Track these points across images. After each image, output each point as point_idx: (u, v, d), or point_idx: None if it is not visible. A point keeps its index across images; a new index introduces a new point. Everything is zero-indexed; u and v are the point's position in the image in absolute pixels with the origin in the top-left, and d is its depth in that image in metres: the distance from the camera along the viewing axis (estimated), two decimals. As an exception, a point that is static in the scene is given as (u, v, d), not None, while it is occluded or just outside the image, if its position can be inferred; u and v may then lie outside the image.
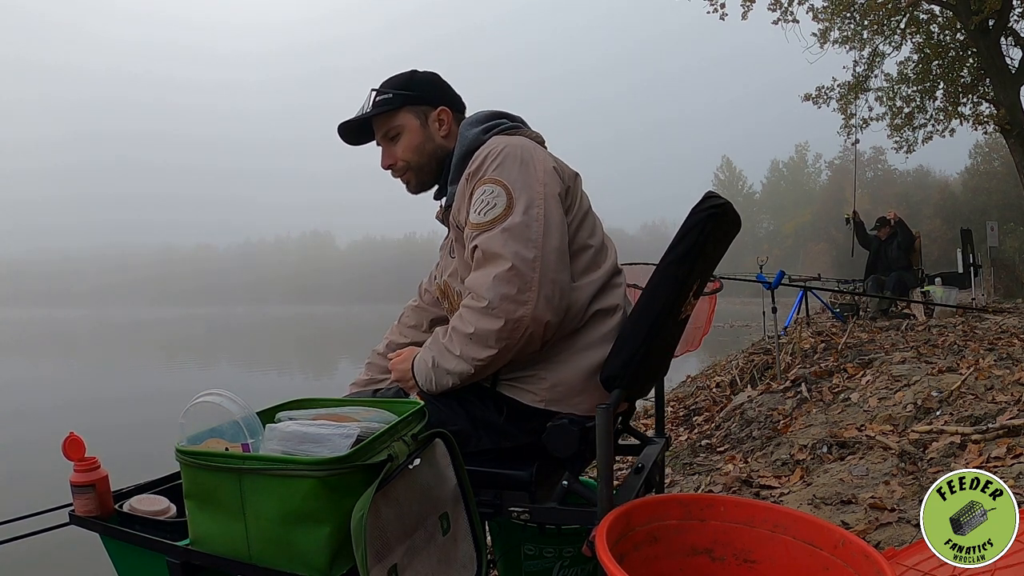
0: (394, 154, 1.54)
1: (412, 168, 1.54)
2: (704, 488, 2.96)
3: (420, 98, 1.53)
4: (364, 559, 0.96)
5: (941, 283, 8.12)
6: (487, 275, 1.27)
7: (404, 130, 1.52)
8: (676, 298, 1.30)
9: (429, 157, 1.53)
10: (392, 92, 1.52)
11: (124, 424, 8.22)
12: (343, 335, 29.92)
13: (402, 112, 1.52)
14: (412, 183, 1.57)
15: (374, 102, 1.52)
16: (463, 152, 1.47)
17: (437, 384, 1.36)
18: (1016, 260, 17.74)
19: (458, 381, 1.34)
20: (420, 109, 1.53)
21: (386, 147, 1.55)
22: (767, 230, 61.41)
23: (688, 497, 1.29)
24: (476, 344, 1.29)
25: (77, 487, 1.17)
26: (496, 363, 1.32)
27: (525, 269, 1.26)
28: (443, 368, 1.35)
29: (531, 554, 1.79)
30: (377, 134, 1.56)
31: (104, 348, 25.28)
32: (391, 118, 1.52)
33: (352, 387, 1.76)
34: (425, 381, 1.38)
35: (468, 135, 1.49)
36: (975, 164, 40.89)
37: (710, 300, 4.91)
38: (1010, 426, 2.57)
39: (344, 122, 1.55)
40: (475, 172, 1.38)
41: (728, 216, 1.34)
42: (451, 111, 1.55)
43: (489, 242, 1.29)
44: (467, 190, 1.39)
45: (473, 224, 1.33)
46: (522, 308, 1.25)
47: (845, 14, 12.16)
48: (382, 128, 1.54)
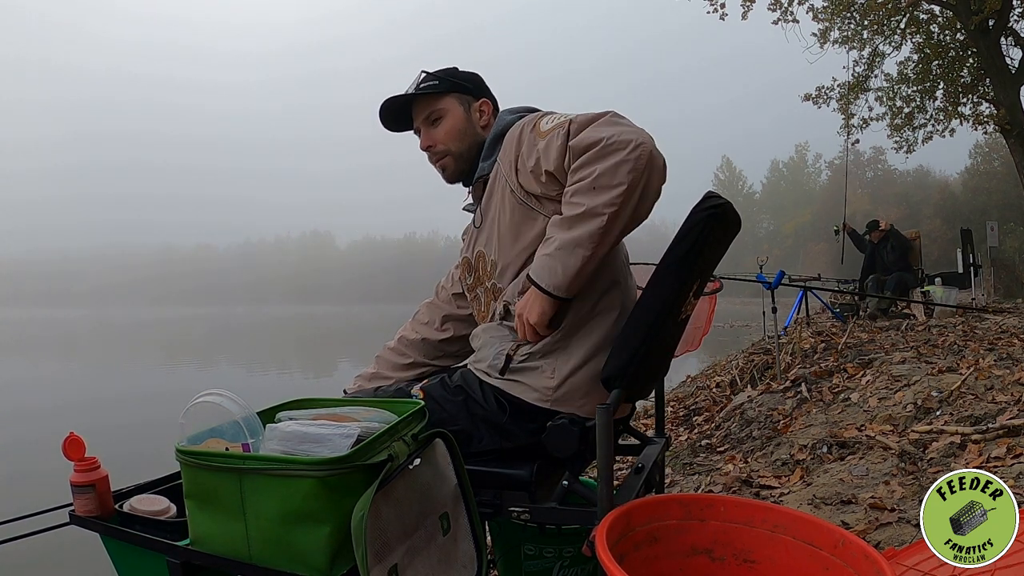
0: (434, 137, 1.55)
1: (452, 154, 1.55)
2: (704, 488, 2.96)
3: (465, 87, 1.56)
4: (364, 559, 0.96)
5: (941, 283, 8.12)
6: (589, 134, 1.26)
7: (447, 114, 1.54)
8: (676, 298, 1.30)
9: (469, 145, 1.54)
10: (439, 78, 1.54)
11: (124, 424, 8.22)
12: (343, 335, 29.92)
13: (447, 97, 1.54)
14: (449, 169, 1.56)
15: (420, 83, 1.54)
16: (498, 132, 1.50)
17: (566, 270, 1.26)
18: (1016, 260, 17.74)
19: (588, 251, 1.24)
20: (464, 98, 1.56)
21: (426, 130, 1.56)
22: (767, 230, 61.37)
23: (688, 497, 1.29)
24: (601, 189, 1.23)
25: (77, 487, 1.17)
26: (627, 207, 1.23)
27: (618, 115, 1.30)
28: (569, 242, 1.25)
29: (531, 554, 1.79)
30: (419, 117, 1.56)
31: (104, 348, 25.27)
32: (436, 100, 1.54)
33: (357, 379, 1.75)
34: (550, 276, 1.27)
35: (504, 119, 1.52)
36: (975, 164, 40.87)
37: (710, 300, 4.90)
38: (1010, 426, 2.57)
39: (388, 99, 1.55)
40: (523, 125, 1.40)
41: (728, 216, 1.34)
42: (491, 105, 1.59)
43: (576, 123, 1.30)
44: (516, 148, 1.39)
45: (543, 132, 1.34)
46: (637, 135, 1.24)
47: (845, 14, 12.15)
48: (425, 110, 1.55)
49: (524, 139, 1.38)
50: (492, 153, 1.48)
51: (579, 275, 1.27)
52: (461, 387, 1.42)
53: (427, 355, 1.71)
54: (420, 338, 1.72)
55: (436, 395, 1.43)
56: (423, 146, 1.57)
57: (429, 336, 1.71)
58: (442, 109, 1.54)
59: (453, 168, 1.56)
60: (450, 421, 1.36)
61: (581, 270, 1.27)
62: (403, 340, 1.74)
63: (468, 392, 1.41)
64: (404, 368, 1.71)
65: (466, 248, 1.59)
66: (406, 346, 1.73)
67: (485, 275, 1.50)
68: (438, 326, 1.72)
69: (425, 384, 1.49)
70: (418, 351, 1.71)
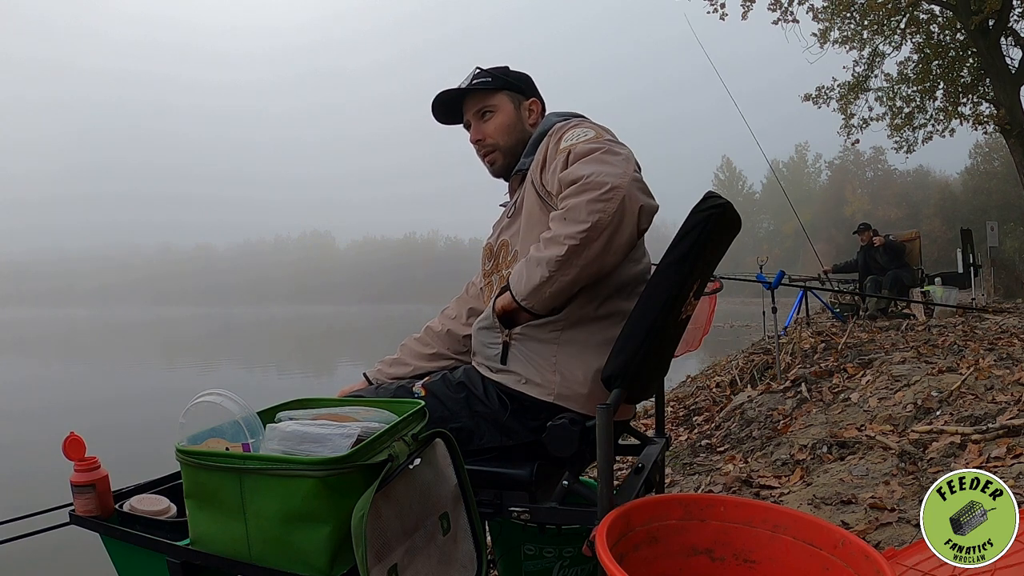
0: (484, 131, 1.61)
1: (500, 149, 1.61)
2: (704, 488, 2.96)
3: (516, 87, 1.63)
4: (364, 559, 0.96)
5: (941, 283, 8.12)
6: (575, 170, 1.30)
7: (498, 110, 1.60)
8: (676, 299, 1.30)
9: (516, 141, 1.60)
10: (492, 75, 1.61)
11: (124, 424, 8.22)
12: (343, 335, 29.94)
13: (499, 94, 1.61)
14: (498, 164, 1.62)
15: (474, 79, 1.60)
16: (542, 132, 1.54)
17: (527, 282, 1.31)
18: (1016, 260, 17.75)
19: (547, 272, 1.28)
20: (515, 96, 1.63)
21: (476, 123, 1.62)
22: (767, 230, 61.38)
23: (688, 497, 1.29)
24: (569, 221, 1.26)
25: (77, 487, 1.17)
26: (589, 244, 1.25)
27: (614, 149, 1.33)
28: (535, 259, 1.31)
29: (531, 554, 1.79)
30: (469, 110, 1.62)
31: (104, 348, 25.27)
32: (488, 96, 1.60)
33: (379, 364, 1.76)
34: (516, 280, 1.34)
35: (550, 121, 1.57)
36: (975, 164, 40.88)
37: (710, 300, 4.91)
38: (1010, 426, 2.57)
39: (442, 92, 1.61)
40: (558, 130, 1.46)
41: (728, 216, 1.34)
42: (540, 104, 1.66)
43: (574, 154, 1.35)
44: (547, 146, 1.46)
45: (561, 148, 1.39)
46: (614, 179, 1.25)
47: (845, 14, 12.16)
48: (477, 104, 1.61)
49: (550, 143, 1.46)
50: (534, 150, 1.53)
51: (537, 291, 1.31)
52: (463, 384, 1.43)
53: (451, 348, 1.72)
54: (445, 330, 1.73)
55: (438, 392, 1.43)
56: (473, 139, 1.63)
57: (454, 329, 1.72)
58: (494, 105, 1.60)
59: (501, 163, 1.62)
60: (451, 418, 1.37)
61: (539, 287, 1.30)
62: (429, 331, 1.76)
63: (470, 389, 1.41)
64: (426, 358, 1.72)
65: (492, 235, 1.65)
66: (431, 336, 1.74)
67: (504, 263, 1.55)
68: (464, 320, 1.72)
69: (427, 381, 1.49)
70: (442, 343, 1.72)
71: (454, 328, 1.72)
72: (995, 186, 36.05)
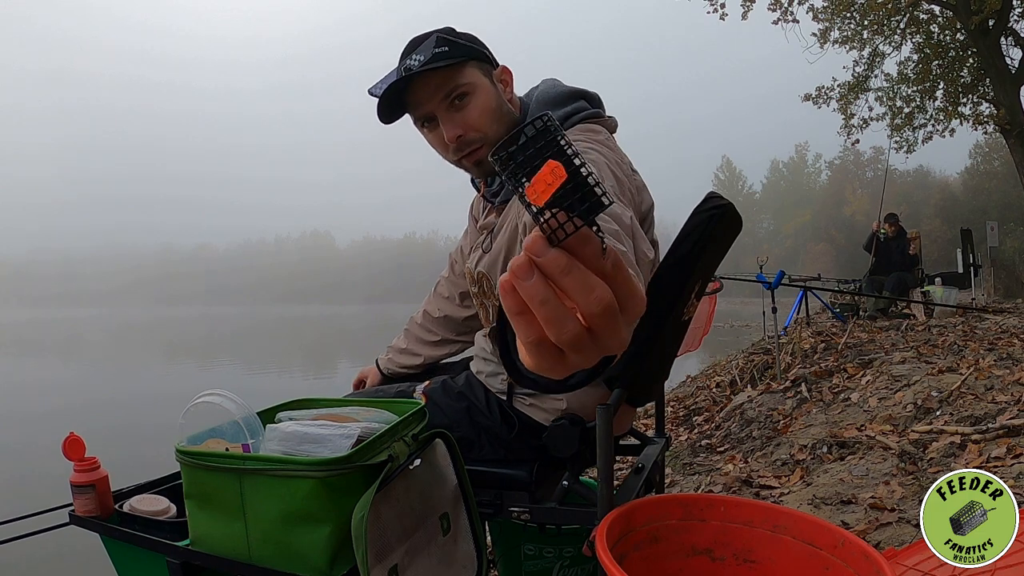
0: (466, 121, 1.22)
1: (489, 142, 1.22)
2: (704, 488, 2.96)
3: (483, 53, 1.24)
4: (364, 559, 0.96)
5: (941, 283, 8.13)
6: None
7: (476, 89, 1.22)
8: (677, 300, 1.30)
9: (506, 128, 1.24)
10: (450, 42, 1.18)
11: (124, 424, 8.21)
12: (343, 335, 29.91)
13: (468, 68, 1.21)
14: (486, 162, 1.24)
15: (434, 54, 1.17)
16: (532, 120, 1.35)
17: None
18: (1016, 260, 17.71)
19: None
20: (484, 66, 1.25)
21: (448, 114, 1.22)
22: (767, 230, 61.41)
23: (688, 497, 1.29)
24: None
25: (77, 487, 1.17)
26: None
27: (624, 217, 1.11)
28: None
29: (531, 554, 1.79)
30: (432, 99, 1.21)
31: (104, 348, 25.26)
32: (456, 74, 1.19)
33: (389, 350, 1.74)
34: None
35: (540, 103, 1.28)
36: (975, 164, 40.92)
37: (710, 300, 4.91)
38: (1010, 426, 2.57)
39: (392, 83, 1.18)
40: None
41: (729, 217, 1.34)
42: (510, 72, 1.30)
43: None
44: None
45: None
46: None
47: (845, 14, 12.16)
48: (442, 89, 1.20)
49: None
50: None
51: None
52: (464, 394, 1.40)
53: (454, 331, 1.69)
54: (443, 315, 1.69)
55: (438, 399, 1.41)
56: (451, 137, 1.22)
57: (451, 313, 1.68)
58: (469, 84, 1.20)
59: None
60: (452, 427, 1.34)
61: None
62: (427, 316, 1.72)
63: (472, 400, 1.38)
64: (434, 346, 1.69)
65: (470, 260, 1.41)
66: (432, 323, 1.70)
67: (490, 292, 1.36)
68: (458, 302, 1.68)
69: (427, 387, 1.48)
70: (444, 329, 1.69)
71: (451, 312, 1.68)
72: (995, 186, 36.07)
